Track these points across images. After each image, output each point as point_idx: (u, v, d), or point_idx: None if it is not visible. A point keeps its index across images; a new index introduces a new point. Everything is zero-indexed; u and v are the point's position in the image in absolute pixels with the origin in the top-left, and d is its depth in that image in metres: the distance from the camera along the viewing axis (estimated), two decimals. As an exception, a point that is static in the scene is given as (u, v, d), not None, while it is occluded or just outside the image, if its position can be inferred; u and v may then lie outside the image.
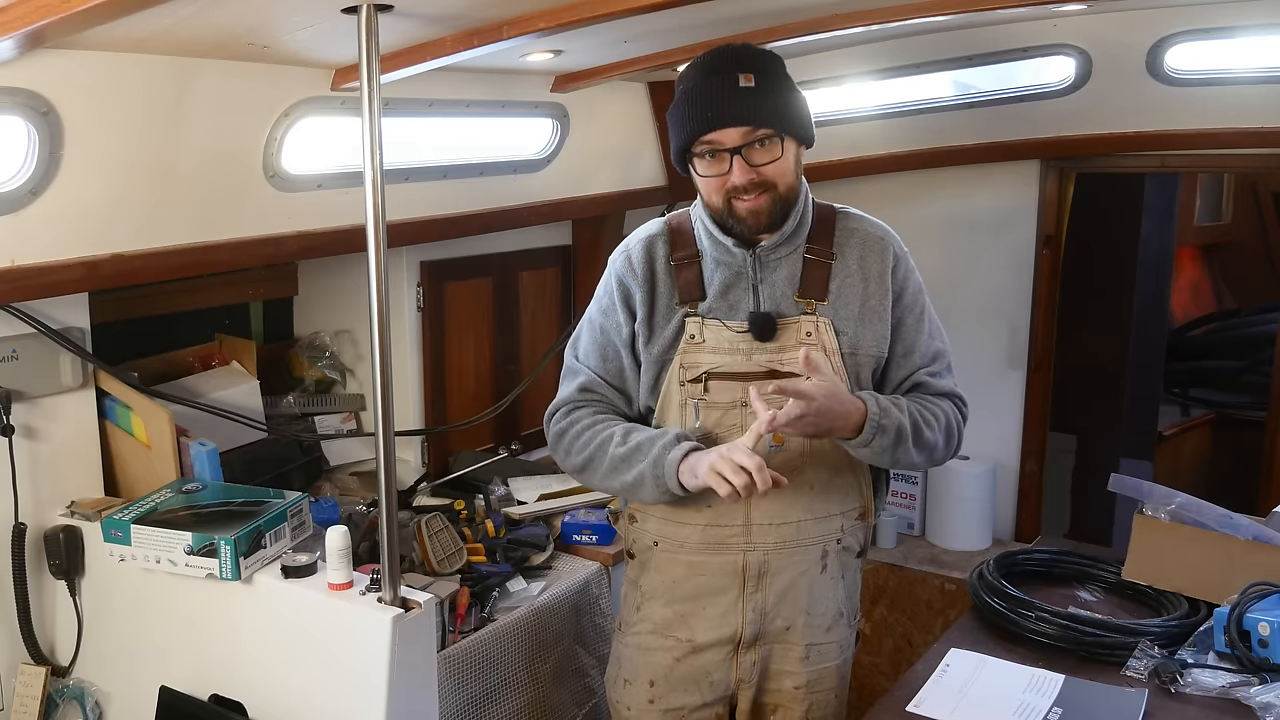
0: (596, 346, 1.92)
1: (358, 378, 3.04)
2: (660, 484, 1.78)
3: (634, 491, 1.84)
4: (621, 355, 1.90)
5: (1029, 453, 3.37)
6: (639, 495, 1.85)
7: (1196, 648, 1.79)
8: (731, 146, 1.73)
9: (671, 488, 1.76)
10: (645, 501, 1.88)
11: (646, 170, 3.24)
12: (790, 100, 1.78)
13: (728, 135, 1.73)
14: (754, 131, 1.73)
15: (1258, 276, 5.76)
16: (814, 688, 1.93)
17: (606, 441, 1.85)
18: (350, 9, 1.63)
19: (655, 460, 1.78)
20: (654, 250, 1.90)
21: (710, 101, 1.73)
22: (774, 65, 1.78)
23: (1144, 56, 2.73)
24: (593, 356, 1.93)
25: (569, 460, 1.91)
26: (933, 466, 1.99)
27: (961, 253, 3.31)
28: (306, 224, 2.32)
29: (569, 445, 1.90)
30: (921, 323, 1.91)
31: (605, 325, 1.91)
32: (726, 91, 1.72)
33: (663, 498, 1.80)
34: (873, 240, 1.88)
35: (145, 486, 2.14)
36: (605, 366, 1.92)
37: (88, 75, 1.80)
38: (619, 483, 1.85)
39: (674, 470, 1.76)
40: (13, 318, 2.01)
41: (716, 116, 1.73)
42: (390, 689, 1.77)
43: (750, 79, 1.72)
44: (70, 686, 2.13)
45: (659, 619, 1.94)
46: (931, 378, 1.89)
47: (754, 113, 1.72)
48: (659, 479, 1.77)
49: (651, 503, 1.87)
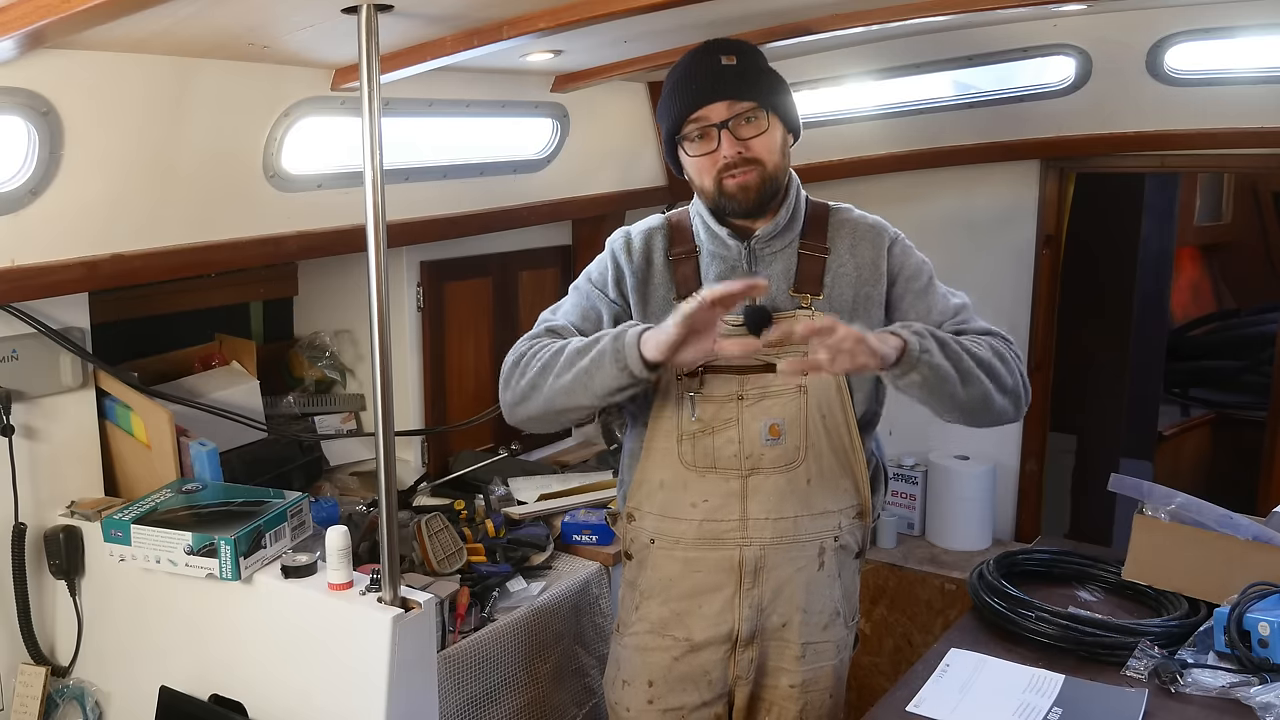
0: (578, 309, 1.90)
1: (358, 378, 3.04)
2: (619, 358, 1.67)
3: (588, 378, 1.70)
4: (603, 319, 1.87)
5: (1029, 453, 3.37)
6: (594, 380, 1.70)
7: (1196, 648, 1.79)
8: (718, 121, 1.77)
9: (630, 359, 1.66)
10: (597, 392, 1.71)
11: (646, 170, 3.25)
12: (773, 81, 1.83)
13: (714, 110, 1.77)
14: (738, 104, 1.77)
15: (1258, 276, 5.76)
16: (809, 687, 1.93)
17: (565, 344, 1.77)
18: (350, 9, 1.63)
19: (616, 335, 1.70)
20: (653, 242, 1.91)
21: (695, 79, 1.79)
22: (755, 51, 1.84)
23: (1144, 56, 2.73)
24: (573, 314, 1.89)
25: (523, 378, 1.78)
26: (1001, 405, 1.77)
27: (961, 253, 3.30)
28: (306, 224, 2.32)
29: (524, 364, 1.79)
30: (931, 288, 1.88)
31: (591, 292, 1.91)
32: (710, 70, 1.78)
33: (620, 377, 1.68)
34: (863, 229, 1.89)
35: (145, 486, 2.14)
36: (583, 324, 1.87)
37: (88, 75, 1.80)
38: (572, 373, 1.72)
39: (635, 340, 1.66)
40: (13, 318, 2.01)
41: (700, 91, 1.77)
42: (390, 689, 1.77)
43: (733, 59, 1.79)
44: (70, 686, 2.13)
45: (656, 618, 1.94)
46: (963, 325, 1.84)
47: (738, 87, 1.77)
48: (618, 352, 1.67)
49: (603, 391, 1.70)
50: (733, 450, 1.84)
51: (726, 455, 1.85)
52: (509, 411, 1.86)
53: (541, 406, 1.79)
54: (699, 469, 1.86)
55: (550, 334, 1.86)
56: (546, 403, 1.77)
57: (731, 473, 1.85)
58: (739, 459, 1.84)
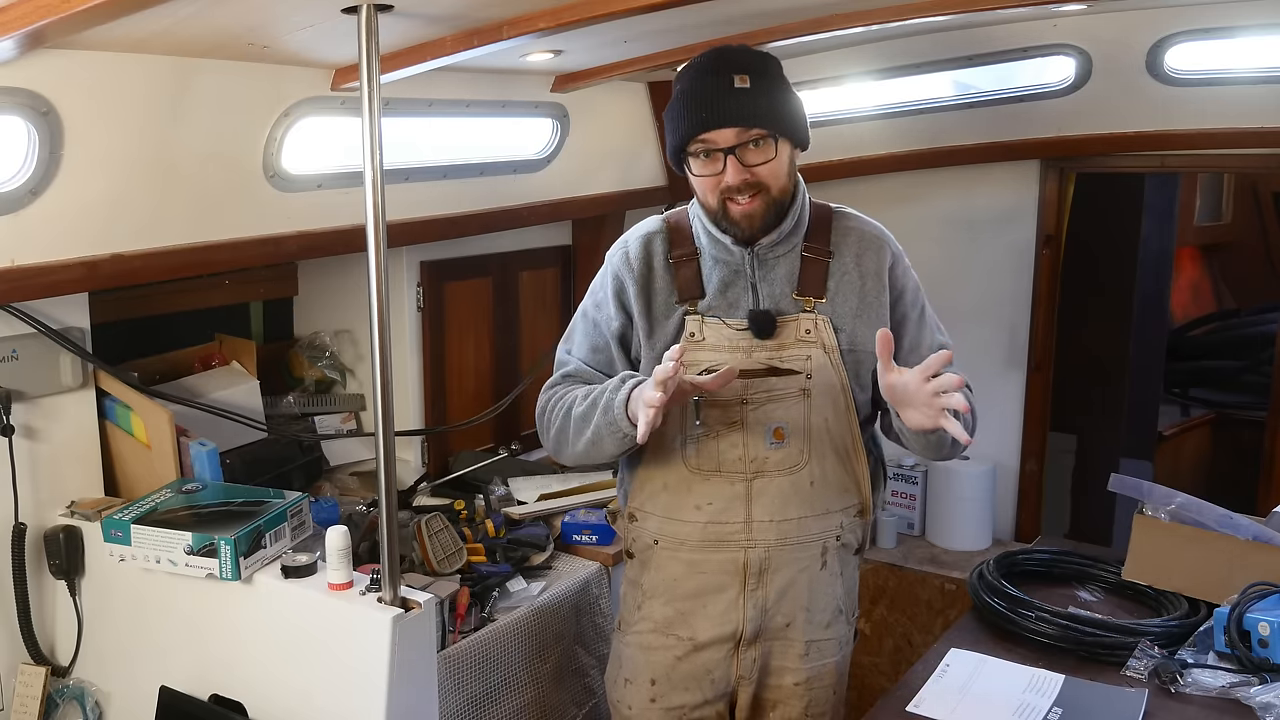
0: (588, 339, 1.95)
1: (358, 378, 3.04)
2: (615, 431, 1.77)
3: (598, 448, 1.83)
4: (611, 347, 1.92)
5: (1029, 453, 3.37)
6: (604, 449, 1.82)
7: (1196, 648, 1.79)
8: (725, 146, 1.74)
9: (625, 429, 1.75)
10: (612, 454, 1.85)
11: (646, 170, 3.25)
12: (785, 101, 1.79)
13: (722, 135, 1.74)
14: (747, 131, 1.74)
15: (1258, 276, 5.75)
16: (813, 684, 1.94)
17: (571, 405, 1.86)
18: (350, 9, 1.63)
19: (605, 408, 1.78)
20: (652, 247, 1.90)
21: (705, 102, 1.74)
22: (770, 67, 1.79)
23: (1144, 56, 2.73)
24: (583, 348, 1.95)
25: (548, 435, 1.92)
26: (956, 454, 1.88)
27: (961, 253, 3.30)
28: (306, 224, 2.32)
29: (546, 421, 1.92)
30: (924, 319, 1.92)
31: (597, 319, 1.93)
32: (721, 92, 1.73)
33: (625, 444, 1.79)
34: (869, 239, 1.90)
35: (145, 486, 2.14)
36: (594, 357, 1.94)
37: (88, 75, 1.80)
38: (584, 443, 1.83)
39: (622, 413, 1.75)
40: (13, 318, 2.01)
41: (711, 117, 1.74)
42: (390, 689, 1.77)
43: (745, 80, 1.74)
44: (70, 686, 2.13)
45: (660, 617, 1.94)
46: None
47: (748, 113, 1.73)
48: (613, 426, 1.77)
49: (616, 454, 1.85)
50: (737, 454, 1.84)
51: (731, 459, 1.85)
52: (552, 456, 2.00)
53: (576, 462, 1.94)
54: (703, 472, 1.86)
55: (566, 380, 1.94)
56: (579, 460, 1.91)
57: (736, 476, 1.85)
58: (743, 462, 1.84)
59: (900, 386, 1.66)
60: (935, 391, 1.61)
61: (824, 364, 1.83)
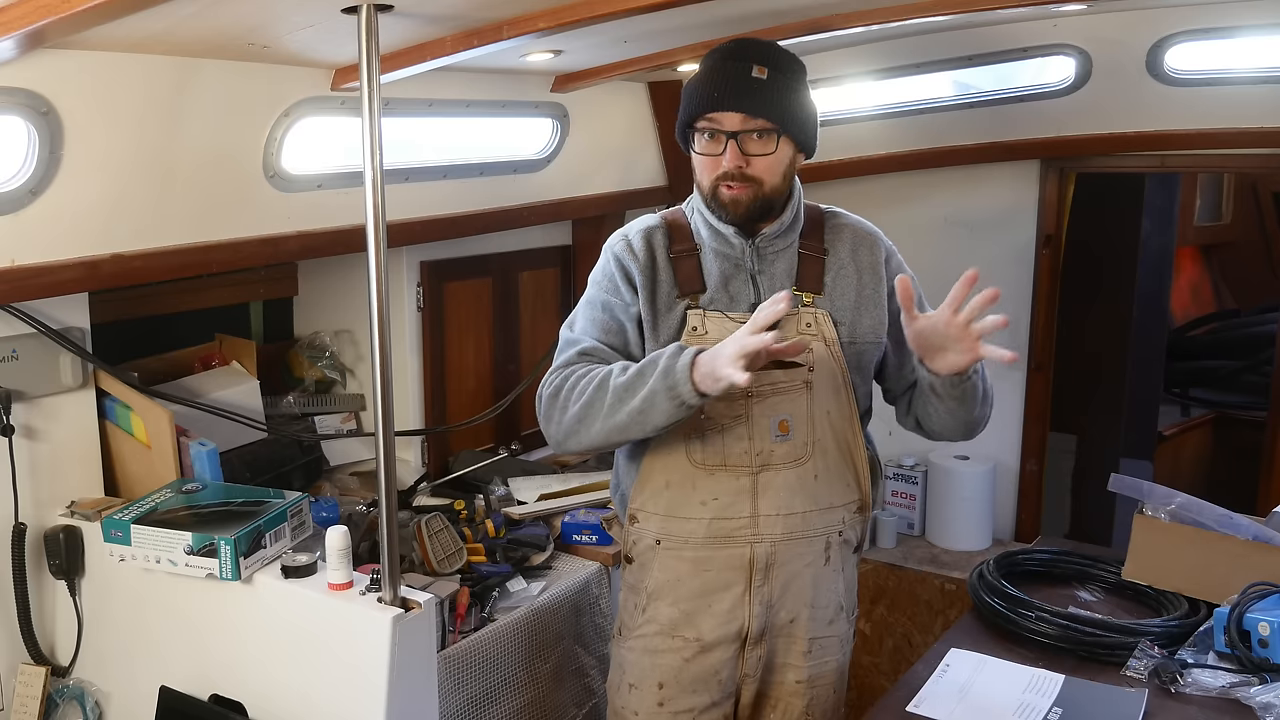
0: (597, 322, 1.88)
1: (358, 378, 3.04)
2: (675, 396, 1.66)
3: (643, 417, 1.70)
4: (626, 328, 1.87)
5: (1029, 453, 3.37)
6: (649, 419, 1.70)
7: (1196, 648, 1.79)
8: (729, 130, 1.77)
9: (685, 396, 1.65)
10: (656, 426, 1.71)
11: (646, 170, 3.25)
12: (797, 102, 1.81)
13: (728, 118, 1.77)
14: (752, 120, 1.76)
15: (1258, 276, 5.76)
16: (815, 682, 1.94)
17: (606, 377, 1.75)
18: (350, 9, 1.63)
19: (665, 371, 1.68)
20: (654, 240, 1.91)
21: (720, 83, 1.78)
22: (791, 65, 1.82)
23: (1144, 56, 2.73)
24: (592, 329, 1.88)
25: (566, 413, 1.78)
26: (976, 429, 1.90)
27: (961, 253, 3.29)
28: (306, 224, 2.32)
29: (565, 398, 1.78)
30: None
31: (608, 302, 1.88)
32: (738, 78, 1.77)
33: (678, 413, 1.68)
34: (862, 235, 1.94)
35: (145, 486, 2.14)
36: (608, 338, 1.87)
37: (88, 75, 1.80)
38: (625, 413, 1.71)
39: (686, 375, 1.65)
40: (13, 318, 2.01)
41: (722, 98, 1.77)
42: (390, 689, 1.77)
43: (764, 71, 1.77)
44: (70, 686, 2.13)
45: (665, 620, 1.93)
46: None
47: (758, 104, 1.76)
48: (672, 389, 1.66)
49: (663, 425, 1.71)
50: (743, 447, 1.85)
51: (737, 452, 1.85)
52: (556, 444, 1.85)
53: (595, 442, 1.80)
54: (708, 467, 1.86)
55: (582, 357, 1.84)
56: (602, 438, 1.78)
57: (742, 470, 1.85)
58: (749, 455, 1.85)
59: (929, 328, 1.68)
60: (968, 320, 1.63)
61: (825, 356, 1.85)
